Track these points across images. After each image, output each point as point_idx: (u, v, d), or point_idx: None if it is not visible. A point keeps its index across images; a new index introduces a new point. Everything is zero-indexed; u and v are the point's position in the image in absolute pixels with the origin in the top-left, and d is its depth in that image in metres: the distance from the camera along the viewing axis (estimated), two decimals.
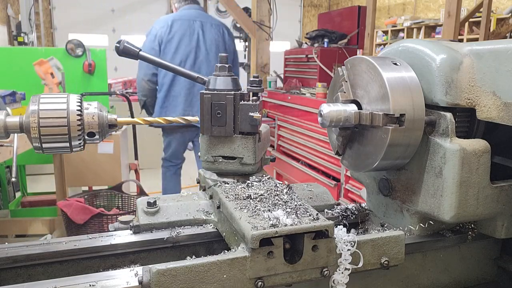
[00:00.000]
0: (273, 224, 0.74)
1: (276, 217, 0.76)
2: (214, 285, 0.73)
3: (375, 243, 0.80)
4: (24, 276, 0.85)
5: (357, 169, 0.96)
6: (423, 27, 10.13)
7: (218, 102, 0.94)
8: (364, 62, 0.91)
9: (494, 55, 0.82)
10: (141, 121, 0.83)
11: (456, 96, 0.85)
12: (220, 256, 0.75)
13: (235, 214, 0.80)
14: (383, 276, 0.93)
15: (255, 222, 0.75)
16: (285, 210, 0.80)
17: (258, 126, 0.95)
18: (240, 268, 0.75)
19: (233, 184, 0.96)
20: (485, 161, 0.85)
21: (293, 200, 0.85)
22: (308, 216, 0.78)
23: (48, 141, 0.72)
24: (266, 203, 0.84)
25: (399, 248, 0.82)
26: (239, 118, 0.95)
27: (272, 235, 0.72)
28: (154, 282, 0.70)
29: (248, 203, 0.84)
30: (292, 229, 0.73)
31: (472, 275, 1.03)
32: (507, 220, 0.91)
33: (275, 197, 0.87)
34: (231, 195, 0.89)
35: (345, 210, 1.10)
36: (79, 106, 0.73)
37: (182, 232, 0.94)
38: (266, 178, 0.98)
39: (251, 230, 0.72)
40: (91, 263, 0.90)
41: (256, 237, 0.71)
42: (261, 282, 0.76)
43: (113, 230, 0.96)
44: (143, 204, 0.99)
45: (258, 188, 0.92)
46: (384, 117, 0.84)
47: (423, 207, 0.90)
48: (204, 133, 0.96)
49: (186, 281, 0.71)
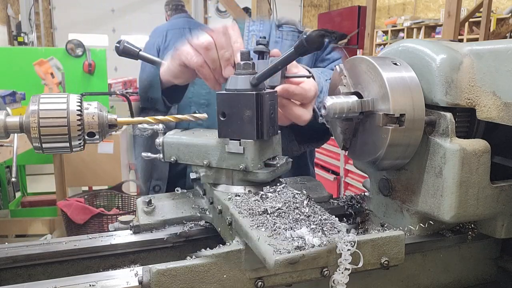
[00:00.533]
0: (299, 246, 0.64)
1: (300, 236, 0.68)
2: (214, 285, 0.74)
3: (375, 243, 0.80)
4: (24, 276, 0.86)
5: (362, 158, 0.96)
6: (423, 27, 10.14)
7: (272, 102, 0.89)
8: (364, 62, 0.91)
9: (494, 55, 0.82)
10: (149, 120, 0.84)
11: (456, 96, 0.85)
12: (215, 250, 0.75)
13: (251, 234, 0.70)
14: (383, 276, 0.93)
15: (276, 244, 0.65)
16: (309, 226, 0.71)
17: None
18: (236, 262, 0.75)
19: (244, 197, 0.86)
20: (485, 161, 0.85)
21: (317, 214, 0.76)
22: (337, 232, 0.70)
23: (48, 141, 0.72)
24: (286, 218, 0.74)
25: (399, 248, 0.82)
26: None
27: (299, 259, 0.63)
28: (154, 282, 0.70)
29: (265, 220, 0.74)
30: (321, 250, 0.65)
31: (472, 275, 1.03)
32: (507, 220, 0.91)
33: (295, 210, 0.77)
34: (244, 210, 0.79)
35: (350, 199, 1.11)
36: (79, 106, 0.73)
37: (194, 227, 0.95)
38: (281, 187, 0.87)
39: (273, 255, 0.62)
40: (91, 263, 0.90)
41: (280, 264, 0.62)
42: (261, 282, 0.76)
43: (113, 230, 0.97)
44: (143, 204, 0.99)
45: (274, 200, 0.82)
46: (384, 117, 0.84)
47: (423, 207, 0.90)
48: (259, 137, 0.86)
49: (186, 281, 0.72)
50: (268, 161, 0.91)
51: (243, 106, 0.85)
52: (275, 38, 1.50)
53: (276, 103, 0.91)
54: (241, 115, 0.86)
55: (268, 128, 0.87)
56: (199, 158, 0.94)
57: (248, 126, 0.85)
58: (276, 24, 1.51)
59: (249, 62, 0.89)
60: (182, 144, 0.97)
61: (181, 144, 0.97)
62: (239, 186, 0.91)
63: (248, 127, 0.85)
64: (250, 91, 0.85)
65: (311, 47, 0.75)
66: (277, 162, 0.91)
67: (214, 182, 0.94)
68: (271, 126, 0.89)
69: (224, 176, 0.92)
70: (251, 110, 0.84)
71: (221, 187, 0.93)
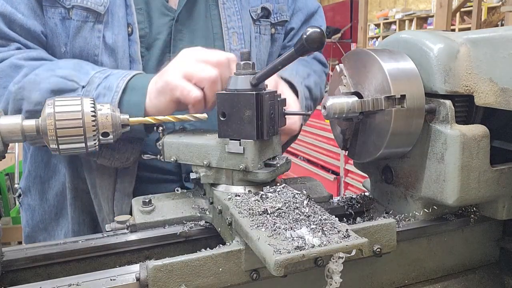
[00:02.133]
0: (299, 246, 0.64)
1: (300, 236, 0.68)
2: (210, 278, 0.75)
3: (366, 231, 0.81)
4: (44, 275, 0.88)
5: (363, 158, 0.99)
6: (415, 19, 10.19)
7: (272, 102, 0.89)
8: (363, 55, 0.94)
9: (490, 43, 0.85)
10: (152, 120, 0.86)
11: (455, 83, 0.88)
12: (215, 250, 0.76)
13: (251, 234, 0.70)
14: (391, 261, 0.96)
15: (276, 244, 0.66)
16: (309, 226, 0.71)
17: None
18: (236, 261, 0.76)
19: (244, 197, 0.86)
20: (485, 146, 0.88)
21: (317, 214, 0.76)
22: (337, 232, 0.69)
23: (64, 142, 0.74)
24: (286, 218, 0.74)
25: (391, 236, 0.84)
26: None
27: (299, 259, 0.63)
28: (151, 278, 0.71)
29: (265, 220, 0.74)
30: (321, 250, 0.64)
31: (475, 256, 1.06)
32: (508, 202, 0.95)
33: (295, 210, 0.77)
34: (244, 210, 0.79)
35: (350, 199, 1.13)
36: (93, 107, 0.76)
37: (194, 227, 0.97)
38: (281, 187, 0.88)
39: (273, 255, 0.62)
40: (107, 260, 0.93)
41: (280, 264, 0.61)
42: (256, 274, 0.77)
43: (110, 230, 0.97)
44: (138, 204, 0.99)
45: (274, 200, 0.82)
46: (386, 100, 0.86)
47: (427, 193, 0.93)
48: (259, 137, 0.87)
49: (182, 276, 0.73)
50: (268, 161, 0.92)
51: (243, 106, 0.86)
52: (254, 33, 1.38)
53: (276, 103, 0.91)
54: (241, 115, 0.86)
55: (268, 128, 0.88)
56: (199, 158, 0.95)
57: (248, 126, 0.86)
58: (253, 18, 1.37)
59: (249, 62, 0.90)
60: (182, 144, 0.97)
61: (181, 144, 0.97)
62: (239, 186, 0.92)
63: (248, 127, 0.86)
64: (250, 91, 0.86)
65: (311, 47, 0.75)
66: (277, 162, 0.92)
67: (214, 182, 0.95)
68: (271, 126, 0.89)
69: (224, 176, 0.93)
70: (251, 110, 0.85)
71: (221, 187, 0.94)
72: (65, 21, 1.13)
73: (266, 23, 1.41)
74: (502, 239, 1.07)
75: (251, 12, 1.36)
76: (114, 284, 0.72)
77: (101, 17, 1.13)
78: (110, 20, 1.14)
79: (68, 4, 1.11)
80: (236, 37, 1.31)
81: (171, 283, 0.72)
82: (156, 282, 0.71)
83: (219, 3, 1.28)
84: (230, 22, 1.30)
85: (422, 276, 1.01)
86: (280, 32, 1.47)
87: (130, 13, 1.16)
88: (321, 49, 0.77)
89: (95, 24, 1.13)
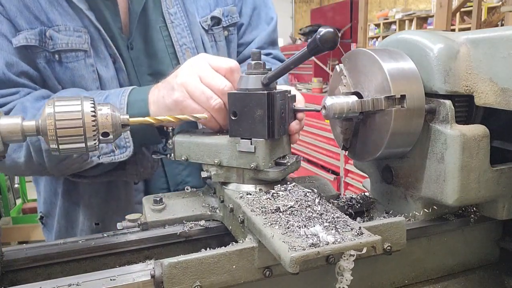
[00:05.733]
0: (313, 243, 0.65)
1: (314, 233, 0.68)
2: (224, 275, 0.76)
3: (377, 229, 0.82)
4: (44, 275, 0.88)
5: (363, 158, 0.99)
6: (415, 19, 10.19)
7: (283, 101, 0.90)
8: (363, 55, 0.94)
9: (490, 43, 0.85)
10: (152, 120, 0.86)
11: (455, 83, 0.88)
12: (229, 247, 0.77)
13: (265, 232, 0.71)
14: (391, 261, 0.96)
15: (291, 241, 0.66)
16: (323, 224, 0.72)
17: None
18: (249, 258, 0.77)
19: (256, 195, 0.87)
20: (485, 146, 0.88)
21: (329, 212, 0.77)
22: (350, 230, 0.70)
23: (64, 142, 0.74)
24: (299, 216, 0.75)
25: (401, 234, 0.84)
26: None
27: (314, 256, 0.63)
28: (166, 275, 0.72)
29: (278, 218, 0.75)
30: (335, 247, 0.65)
31: (476, 256, 1.06)
32: (508, 202, 0.95)
33: (307, 208, 0.78)
34: (256, 208, 0.80)
35: (350, 200, 1.13)
36: (93, 107, 0.76)
37: (194, 227, 0.97)
38: (292, 186, 0.89)
39: (288, 252, 0.63)
40: (107, 260, 0.93)
41: (295, 260, 0.62)
42: (269, 271, 0.78)
43: (121, 228, 0.98)
44: (149, 202, 1.01)
45: (285, 198, 0.83)
46: (386, 100, 0.86)
47: (427, 193, 0.93)
48: (270, 136, 0.88)
49: (197, 273, 0.74)
50: (279, 160, 0.93)
51: (254, 106, 0.86)
52: (209, 43, 1.40)
53: (287, 103, 0.92)
54: (252, 114, 0.87)
55: (279, 127, 0.89)
56: (210, 157, 0.95)
57: (259, 125, 0.87)
58: (205, 28, 1.40)
59: (260, 62, 0.90)
60: (193, 143, 0.98)
61: (192, 143, 0.98)
62: (250, 184, 0.92)
63: (259, 126, 0.87)
64: (262, 91, 0.87)
65: (325, 46, 0.75)
66: (287, 161, 0.93)
67: (225, 180, 0.96)
68: (282, 126, 0.90)
69: (235, 175, 0.93)
70: (262, 109, 0.86)
71: (232, 185, 0.95)
72: (53, 63, 1.20)
73: (219, 29, 1.44)
74: (502, 239, 1.07)
75: (202, 23, 1.39)
76: (114, 284, 0.72)
77: (88, 52, 1.21)
78: (95, 54, 1.22)
79: (52, 49, 1.18)
80: (189, 52, 1.34)
81: (186, 280, 0.73)
82: (171, 279, 0.72)
83: (167, 23, 1.32)
84: (181, 39, 1.34)
85: (422, 276, 1.01)
86: (233, 32, 1.51)
87: (108, 45, 1.23)
88: (334, 49, 0.78)
89: (86, 59, 1.21)
